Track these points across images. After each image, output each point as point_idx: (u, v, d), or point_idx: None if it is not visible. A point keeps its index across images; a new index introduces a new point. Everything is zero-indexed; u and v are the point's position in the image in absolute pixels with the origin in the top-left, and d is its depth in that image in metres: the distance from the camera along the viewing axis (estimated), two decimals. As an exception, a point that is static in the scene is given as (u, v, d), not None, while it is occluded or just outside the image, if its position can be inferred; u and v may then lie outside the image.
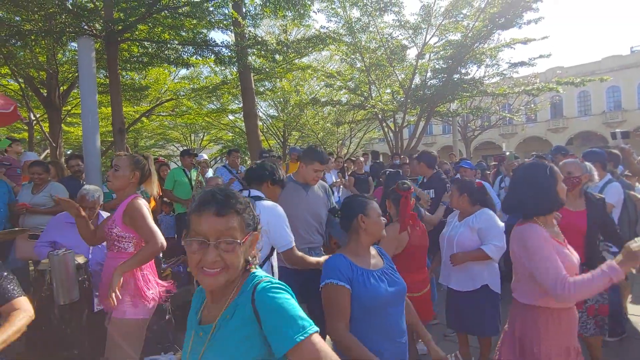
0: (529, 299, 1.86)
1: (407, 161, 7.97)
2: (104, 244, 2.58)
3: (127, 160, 2.48)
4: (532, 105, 19.33)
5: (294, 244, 2.30)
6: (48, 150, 10.36)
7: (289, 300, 1.05)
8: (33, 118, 10.21)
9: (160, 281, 2.48)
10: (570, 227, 2.51)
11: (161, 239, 2.29)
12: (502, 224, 2.92)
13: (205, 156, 6.99)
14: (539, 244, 1.74)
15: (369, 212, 1.86)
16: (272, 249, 2.31)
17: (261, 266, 2.15)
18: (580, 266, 1.90)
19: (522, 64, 11.61)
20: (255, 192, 2.44)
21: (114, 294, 2.09)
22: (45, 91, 9.27)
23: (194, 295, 1.27)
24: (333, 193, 3.66)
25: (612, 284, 1.59)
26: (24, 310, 1.69)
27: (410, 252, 2.73)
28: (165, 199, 6.11)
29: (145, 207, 2.36)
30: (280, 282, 1.12)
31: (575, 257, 1.84)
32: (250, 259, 1.15)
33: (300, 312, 1.04)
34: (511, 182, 2.05)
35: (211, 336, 1.09)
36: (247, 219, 1.11)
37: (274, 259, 2.36)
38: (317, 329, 1.03)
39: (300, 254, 2.31)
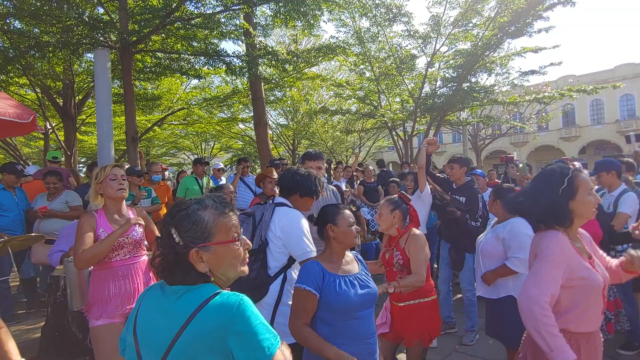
0: None
1: (417, 170, 7.95)
2: None
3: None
4: (544, 114, 19.15)
5: (313, 254, 2.13)
6: (63, 159, 10.56)
7: (251, 318, 1.09)
8: (49, 127, 10.45)
9: None
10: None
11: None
12: (528, 233, 2.79)
13: (222, 164, 7.11)
14: (551, 254, 1.56)
15: (338, 221, 1.93)
16: (290, 260, 2.21)
17: (275, 277, 2.16)
18: None
19: (532, 72, 11.54)
20: (280, 199, 2.35)
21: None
22: (62, 101, 9.51)
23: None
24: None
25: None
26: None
27: None
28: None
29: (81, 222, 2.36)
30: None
31: (600, 276, 1.62)
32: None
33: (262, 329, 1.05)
34: (525, 186, 1.97)
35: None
36: None
37: (294, 272, 2.22)
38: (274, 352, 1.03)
39: None
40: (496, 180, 7.49)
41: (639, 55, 78.65)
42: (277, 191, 2.46)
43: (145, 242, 2.53)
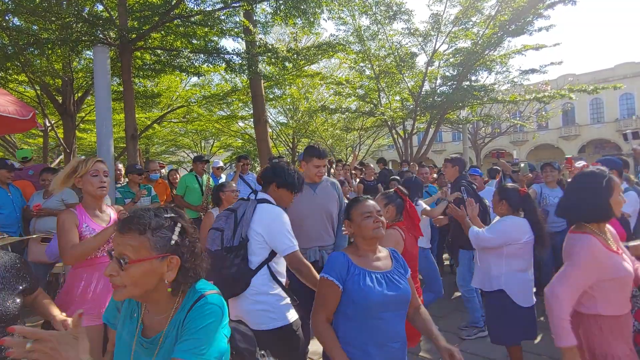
0: (581, 307, 1.90)
1: (417, 168, 7.94)
2: None
3: None
4: (544, 113, 19.15)
5: (296, 248, 2.20)
6: (62, 156, 10.54)
7: (208, 322, 1.10)
8: (48, 124, 10.42)
9: None
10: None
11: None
12: (511, 224, 2.83)
13: (221, 162, 7.09)
14: (580, 261, 1.81)
15: (351, 215, 1.88)
16: (272, 253, 2.24)
17: (257, 270, 2.16)
18: None
19: (532, 71, 11.52)
20: (262, 195, 2.36)
21: None
22: (61, 98, 9.47)
23: (116, 302, 1.29)
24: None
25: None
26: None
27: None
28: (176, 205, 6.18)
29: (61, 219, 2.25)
30: (217, 300, 1.16)
31: (630, 266, 1.85)
32: (167, 282, 1.11)
33: (215, 340, 1.09)
34: (567, 187, 2.14)
35: (159, 349, 1.12)
36: (155, 241, 1.09)
37: (277, 264, 2.27)
38: None
39: (305, 261, 2.21)
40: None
41: (639, 54, 78.63)
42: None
43: None
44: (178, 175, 6.94)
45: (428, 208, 4.36)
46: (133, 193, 5.03)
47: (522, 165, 5.21)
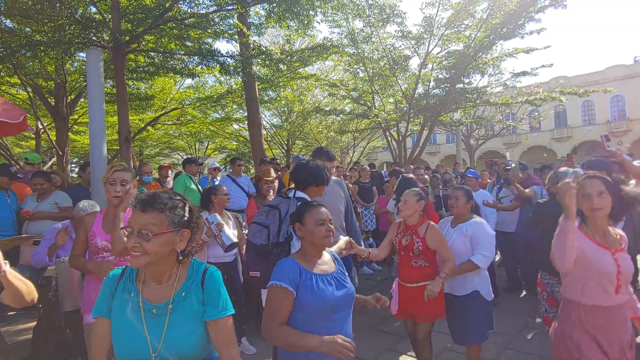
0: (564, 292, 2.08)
1: (411, 171, 7.99)
2: None
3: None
4: (536, 115, 19.35)
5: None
6: (55, 159, 10.47)
7: (223, 285, 1.47)
8: (40, 127, 10.35)
9: None
10: None
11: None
12: (492, 233, 2.96)
13: (217, 164, 7.14)
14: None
15: (305, 219, 1.85)
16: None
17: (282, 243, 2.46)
18: None
19: (524, 73, 11.65)
20: (300, 194, 2.57)
21: None
22: (53, 100, 9.42)
23: (109, 283, 1.45)
24: None
25: None
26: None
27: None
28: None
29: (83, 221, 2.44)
30: (215, 268, 1.50)
31: (615, 267, 1.94)
32: (178, 251, 1.40)
33: (226, 295, 1.46)
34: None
35: (170, 312, 1.37)
36: (172, 217, 1.37)
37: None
38: (232, 312, 1.44)
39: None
40: (488, 180, 7.57)
41: (629, 56, 79.56)
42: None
43: None
44: (170, 173, 6.98)
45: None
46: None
47: (513, 165, 5.28)
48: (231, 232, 3.61)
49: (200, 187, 6.12)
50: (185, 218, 1.40)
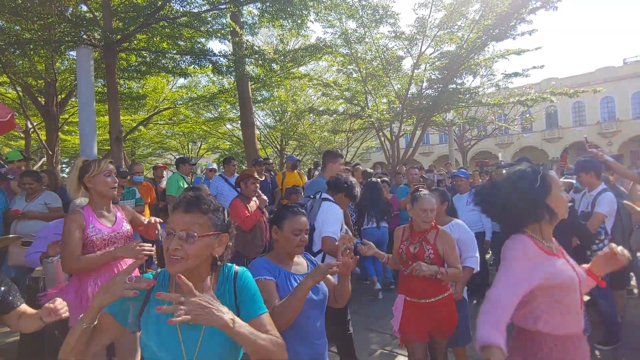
0: (527, 323, 1.59)
1: (404, 171, 8.02)
2: None
3: None
4: (528, 115, 19.54)
5: (334, 235, 2.73)
6: (44, 159, 10.34)
7: (255, 284, 1.44)
8: (30, 126, 10.22)
9: None
10: None
11: None
12: (471, 231, 3.03)
13: (214, 165, 7.13)
14: (513, 258, 1.55)
15: (283, 225, 1.87)
16: None
17: (317, 254, 2.79)
18: None
19: (516, 74, 11.74)
20: (325, 195, 3.00)
21: None
22: (43, 99, 9.31)
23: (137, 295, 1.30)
24: None
25: None
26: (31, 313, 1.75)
27: None
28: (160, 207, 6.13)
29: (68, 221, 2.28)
30: (244, 269, 1.46)
31: (574, 272, 1.59)
32: (217, 256, 1.35)
33: (259, 294, 1.43)
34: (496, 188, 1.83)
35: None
36: (214, 220, 1.31)
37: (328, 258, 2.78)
38: (266, 310, 1.40)
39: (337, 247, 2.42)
40: (479, 180, 7.61)
41: (618, 58, 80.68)
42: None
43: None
44: (165, 173, 6.93)
45: None
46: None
47: (503, 165, 5.36)
48: None
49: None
50: (225, 222, 1.36)
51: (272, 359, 1.28)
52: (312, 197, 3.02)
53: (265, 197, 4.36)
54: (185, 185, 5.93)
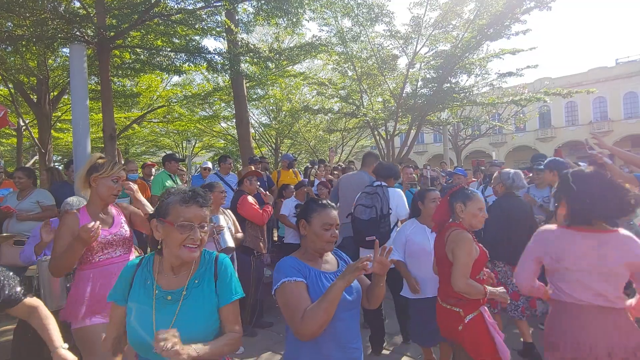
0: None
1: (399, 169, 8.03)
2: None
3: None
4: (521, 115, 19.67)
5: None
6: (37, 157, 10.24)
7: (234, 270, 1.59)
8: (22, 124, 10.10)
9: None
10: None
11: None
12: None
13: (209, 164, 7.04)
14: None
15: (311, 219, 1.72)
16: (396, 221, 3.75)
17: (393, 228, 3.65)
18: None
19: (510, 74, 11.82)
20: (382, 182, 3.74)
21: None
22: (36, 97, 9.21)
23: (126, 272, 1.52)
24: None
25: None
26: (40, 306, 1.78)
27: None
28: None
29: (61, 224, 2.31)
30: (224, 256, 1.60)
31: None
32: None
33: (236, 279, 1.57)
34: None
35: (183, 298, 1.44)
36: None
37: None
38: (242, 295, 1.54)
39: None
40: (473, 179, 7.65)
41: (611, 59, 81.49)
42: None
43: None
44: (153, 171, 6.84)
45: None
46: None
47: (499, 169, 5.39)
48: (230, 237, 3.68)
49: (190, 185, 6.01)
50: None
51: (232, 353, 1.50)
52: (374, 186, 3.67)
53: (270, 194, 4.71)
54: (171, 184, 5.74)
